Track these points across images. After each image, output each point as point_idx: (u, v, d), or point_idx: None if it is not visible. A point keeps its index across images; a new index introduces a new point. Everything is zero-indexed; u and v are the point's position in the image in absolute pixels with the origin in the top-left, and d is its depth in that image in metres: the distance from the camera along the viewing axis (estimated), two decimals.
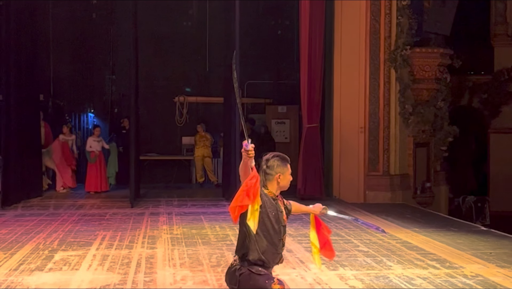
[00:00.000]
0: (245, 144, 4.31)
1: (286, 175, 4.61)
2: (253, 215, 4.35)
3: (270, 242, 4.51)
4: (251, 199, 4.30)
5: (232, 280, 4.60)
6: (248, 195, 4.29)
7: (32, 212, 12.49)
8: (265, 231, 4.49)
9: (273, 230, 4.52)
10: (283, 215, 4.63)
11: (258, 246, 4.49)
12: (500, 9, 19.67)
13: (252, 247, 4.50)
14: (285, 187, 4.65)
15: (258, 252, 4.49)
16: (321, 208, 4.99)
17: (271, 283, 4.39)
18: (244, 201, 4.30)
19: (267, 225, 4.48)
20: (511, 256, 8.55)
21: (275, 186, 4.59)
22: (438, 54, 15.26)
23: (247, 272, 4.49)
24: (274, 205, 4.56)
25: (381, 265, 7.88)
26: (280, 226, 4.59)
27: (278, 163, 4.60)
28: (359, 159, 14.70)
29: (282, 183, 4.60)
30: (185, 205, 13.67)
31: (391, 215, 12.18)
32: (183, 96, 18.23)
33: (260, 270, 4.49)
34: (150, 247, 9.01)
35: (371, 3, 14.57)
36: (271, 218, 4.50)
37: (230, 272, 4.65)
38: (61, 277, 7.24)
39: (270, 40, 18.06)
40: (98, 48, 18.11)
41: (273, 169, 4.57)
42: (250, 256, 4.50)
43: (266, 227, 4.48)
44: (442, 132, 16.02)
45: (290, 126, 17.99)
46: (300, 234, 9.89)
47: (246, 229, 4.50)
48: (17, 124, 13.54)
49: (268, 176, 4.56)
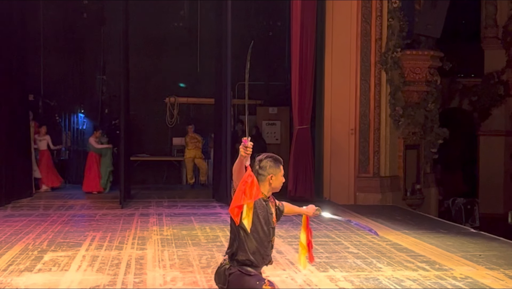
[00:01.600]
0: (245, 140, 4.30)
1: (278, 176, 4.60)
2: (248, 214, 4.35)
3: (259, 243, 4.51)
4: (248, 197, 4.28)
5: (221, 279, 4.59)
6: (245, 193, 4.28)
7: (22, 212, 12.43)
8: (255, 232, 4.48)
9: (262, 231, 4.51)
10: (272, 217, 4.63)
11: (247, 247, 4.48)
12: (490, 12, 19.77)
13: (241, 247, 4.49)
14: (277, 188, 4.64)
15: (247, 252, 4.48)
16: (314, 209, 4.98)
17: (262, 284, 4.38)
18: (243, 201, 4.29)
19: (257, 226, 4.48)
20: (501, 258, 8.59)
21: (267, 187, 4.58)
22: (428, 57, 15.32)
23: (237, 272, 4.49)
24: (265, 206, 4.55)
25: (371, 267, 7.89)
26: (270, 228, 4.58)
27: (271, 164, 4.59)
28: (349, 160, 14.72)
29: (274, 184, 4.59)
30: (175, 206, 13.64)
31: (381, 217, 12.21)
32: (174, 97, 18.20)
33: (250, 270, 4.49)
34: (140, 248, 8.99)
35: (362, 5, 14.60)
36: (261, 219, 4.50)
37: (219, 271, 4.64)
38: (50, 277, 7.21)
39: (262, 42, 18.05)
40: (88, 48, 18.03)
41: (266, 170, 4.56)
42: (239, 256, 4.50)
43: (256, 228, 4.48)
44: (432, 135, 16.08)
45: (281, 128, 18.01)
46: (290, 235, 9.90)
47: (236, 229, 4.50)
48: (6, 125, 13.46)
49: (260, 177, 4.55)
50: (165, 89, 18.23)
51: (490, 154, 19.53)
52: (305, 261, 4.99)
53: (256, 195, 4.35)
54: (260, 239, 4.51)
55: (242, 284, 4.45)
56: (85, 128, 18.28)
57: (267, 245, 4.57)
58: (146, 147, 17.96)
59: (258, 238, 4.50)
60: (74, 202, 14.23)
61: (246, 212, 4.35)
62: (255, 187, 4.34)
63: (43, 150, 15.97)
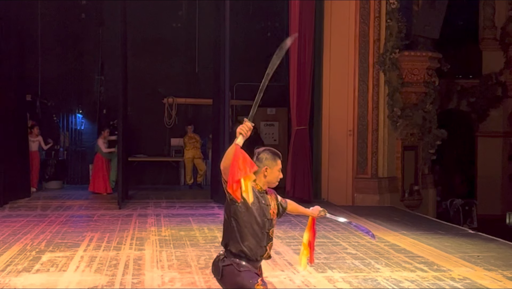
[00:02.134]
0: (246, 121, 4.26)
1: (274, 169, 4.54)
2: (247, 188, 4.27)
3: (252, 235, 4.43)
4: (244, 171, 4.22)
5: (216, 270, 4.57)
6: (240, 168, 4.22)
7: (20, 212, 12.42)
8: (247, 222, 4.43)
9: (255, 222, 4.45)
10: (269, 209, 4.55)
11: (240, 238, 4.43)
12: (488, 13, 19.78)
13: (233, 238, 4.45)
14: (272, 183, 4.57)
15: (240, 243, 4.43)
16: (319, 210, 4.98)
17: (255, 284, 4.35)
18: (239, 175, 4.22)
19: (250, 216, 4.42)
20: (498, 259, 8.60)
21: (262, 179, 4.52)
22: (426, 58, 15.33)
23: (231, 266, 4.44)
24: (259, 197, 4.49)
25: (369, 268, 7.90)
26: (265, 219, 4.49)
27: (268, 156, 4.56)
28: (347, 161, 14.72)
29: (269, 177, 4.53)
30: (173, 206, 13.64)
31: (379, 218, 12.21)
32: (172, 97, 18.19)
33: (244, 264, 4.44)
34: (138, 248, 8.99)
35: (360, 6, 14.61)
36: (254, 210, 4.43)
37: (215, 262, 4.62)
38: (48, 278, 7.20)
39: (260, 42, 18.05)
40: (86, 48, 18.02)
41: (262, 162, 4.53)
42: (232, 247, 4.46)
43: (249, 218, 4.42)
44: (430, 136, 16.09)
45: (279, 129, 17.99)
46: (288, 236, 9.89)
47: (228, 220, 4.46)
48: (4, 125, 13.44)
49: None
50: (163, 89, 18.22)
51: (488, 155, 19.53)
52: (305, 262, 4.97)
53: (251, 167, 4.26)
54: (253, 230, 4.43)
55: (235, 279, 4.42)
56: (83, 129, 18.28)
57: (262, 237, 4.49)
58: (144, 148, 17.94)
59: (251, 229, 4.43)
60: (72, 202, 14.22)
61: (244, 186, 4.28)
62: (248, 161, 4.27)
63: (34, 151, 15.79)
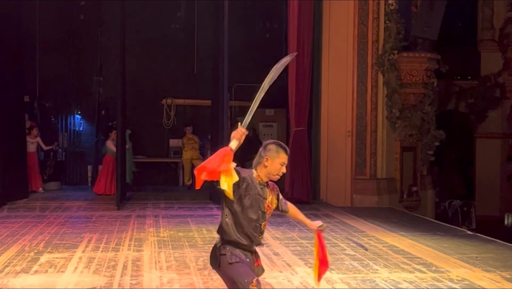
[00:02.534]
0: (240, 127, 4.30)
1: (275, 161, 4.53)
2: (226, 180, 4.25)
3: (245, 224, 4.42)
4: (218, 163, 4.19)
5: (213, 260, 4.57)
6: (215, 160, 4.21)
7: (18, 213, 12.40)
8: (240, 212, 4.42)
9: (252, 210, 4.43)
10: (265, 202, 4.54)
11: (233, 227, 4.44)
12: (487, 15, 19.79)
13: (227, 227, 4.45)
14: (272, 175, 4.55)
15: (234, 232, 4.44)
16: (319, 224, 5.01)
17: (249, 284, 4.34)
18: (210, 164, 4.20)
19: (243, 205, 4.41)
20: (497, 260, 8.60)
21: (263, 170, 4.51)
22: (425, 59, 15.33)
23: (225, 256, 4.44)
24: (257, 189, 4.47)
25: (367, 269, 7.89)
26: (259, 211, 4.50)
27: (272, 148, 4.56)
28: (346, 162, 14.71)
29: (269, 168, 4.51)
30: (172, 207, 13.63)
31: (378, 219, 12.21)
32: (171, 98, 18.20)
33: (239, 254, 4.44)
34: (137, 249, 8.98)
35: (359, 7, 14.61)
36: (246, 200, 4.42)
37: (212, 252, 4.62)
38: (47, 279, 7.20)
39: (258, 43, 18.06)
40: (85, 49, 18.00)
41: (265, 152, 4.54)
42: (226, 236, 4.47)
43: (242, 208, 4.42)
44: (429, 137, 16.08)
45: (278, 130, 18.00)
46: (287, 237, 9.88)
47: (222, 209, 4.48)
48: (2, 126, 13.43)
49: (259, 158, 4.54)
50: (162, 90, 18.23)
51: (487, 156, 19.54)
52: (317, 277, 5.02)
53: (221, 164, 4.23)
54: (247, 219, 4.44)
55: (231, 274, 4.42)
56: (81, 130, 18.26)
57: (255, 228, 4.50)
58: (143, 148, 17.93)
59: (246, 218, 4.43)
60: (71, 203, 14.21)
61: (224, 178, 4.27)
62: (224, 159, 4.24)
63: (32, 152, 15.73)
